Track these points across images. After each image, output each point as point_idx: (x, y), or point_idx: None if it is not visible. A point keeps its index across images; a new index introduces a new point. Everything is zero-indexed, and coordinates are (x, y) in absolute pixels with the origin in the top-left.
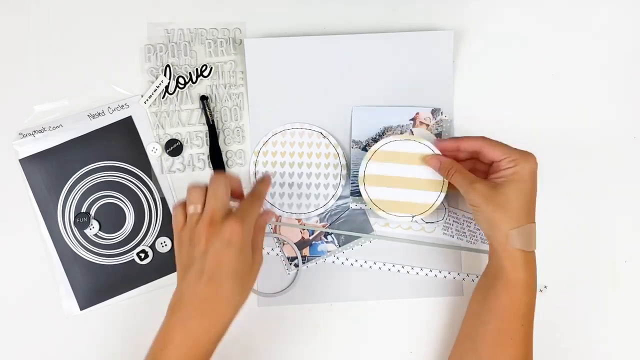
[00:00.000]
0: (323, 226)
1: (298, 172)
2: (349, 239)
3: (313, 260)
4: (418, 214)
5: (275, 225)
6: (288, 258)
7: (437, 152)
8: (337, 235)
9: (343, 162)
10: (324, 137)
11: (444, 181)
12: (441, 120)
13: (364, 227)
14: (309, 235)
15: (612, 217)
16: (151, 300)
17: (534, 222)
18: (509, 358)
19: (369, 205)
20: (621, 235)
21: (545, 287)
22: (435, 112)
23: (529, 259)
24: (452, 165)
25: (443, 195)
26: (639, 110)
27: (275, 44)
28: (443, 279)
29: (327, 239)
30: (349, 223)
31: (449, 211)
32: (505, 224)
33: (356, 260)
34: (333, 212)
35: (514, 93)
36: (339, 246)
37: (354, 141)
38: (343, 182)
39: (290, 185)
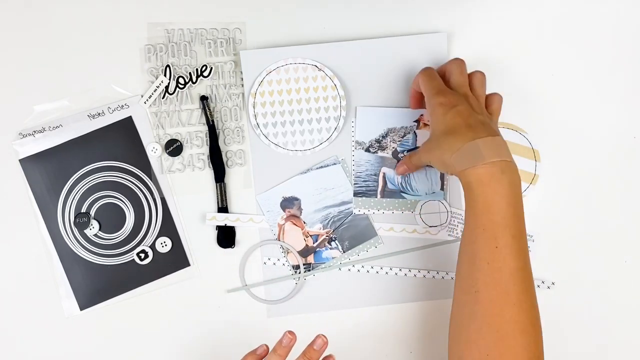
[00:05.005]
0: (326, 232)
1: (298, 109)
2: (353, 245)
3: (318, 268)
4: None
5: (280, 232)
6: (293, 266)
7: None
8: (341, 241)
9: (342, 93)
10: (319, 69)
11: None
12: None
13: (368, 232)
14: (313, 242)
15: (612, 217)
16: (151, 300)
17: (479, 137)
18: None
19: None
20: (621, 235)
21: (553, 283)
22: None
23: (488, 171)
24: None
25: None
26: (639, 110)
27: (271, 55)
28: (450, 280)
29: (331, 245)
30: (352, 228)
31: (452, 213)
32: (445, 157)
33: (362, 266)
34: (336, 218)
35: (513, 93)
36: (344, 252)
37: (357, 142)
38: (344, 113)
39: (292, 123)
